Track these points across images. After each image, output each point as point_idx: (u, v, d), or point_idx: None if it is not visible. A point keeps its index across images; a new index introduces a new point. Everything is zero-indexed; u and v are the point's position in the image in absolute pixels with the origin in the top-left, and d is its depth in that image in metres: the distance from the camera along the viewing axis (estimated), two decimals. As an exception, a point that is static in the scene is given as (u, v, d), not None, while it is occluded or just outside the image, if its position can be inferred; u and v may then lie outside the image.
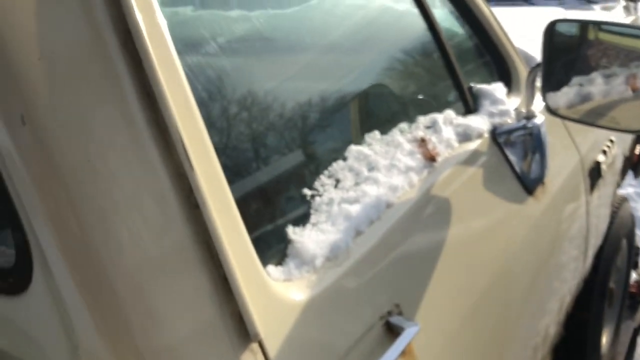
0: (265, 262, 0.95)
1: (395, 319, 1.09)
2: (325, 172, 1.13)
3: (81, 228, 0.78)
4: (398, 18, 1.72)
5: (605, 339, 2.71)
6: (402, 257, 1.16)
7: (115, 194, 0.80)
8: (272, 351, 0.88)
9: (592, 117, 1.63)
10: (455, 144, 1.44)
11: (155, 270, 0.83)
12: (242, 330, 0.86)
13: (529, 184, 1.66)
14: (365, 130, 1.31)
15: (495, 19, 1.80)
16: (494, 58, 1.80)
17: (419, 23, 1.63)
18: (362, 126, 1.34)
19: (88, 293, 0.80)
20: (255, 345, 0.87)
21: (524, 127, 1.64)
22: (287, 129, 1.16)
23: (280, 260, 1.00)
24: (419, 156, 1.30)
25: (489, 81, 1.74)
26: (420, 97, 1.56)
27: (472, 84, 1.65)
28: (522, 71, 1.83)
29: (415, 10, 1.63)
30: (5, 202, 0.81)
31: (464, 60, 1.72)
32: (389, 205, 1.17)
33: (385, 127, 1.34)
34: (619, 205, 2.67)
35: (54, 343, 0.86)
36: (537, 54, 1.84)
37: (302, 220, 1.06)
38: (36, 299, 0.86)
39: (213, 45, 1.15)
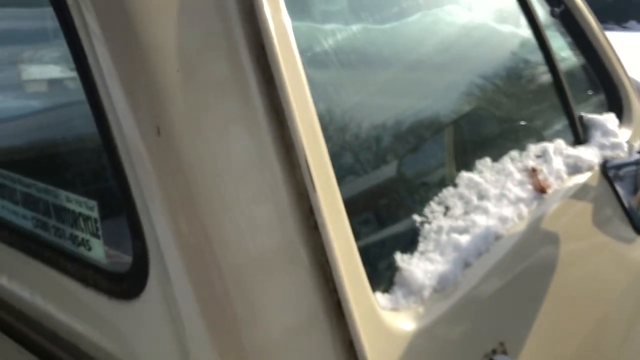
0: (373, 288, 0.92)
1: (499, 358, 1.03)
2: (436, 198, 1.09)
3: (204, 240, 0.78)
4: (506, 39, 1.66)
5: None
6: (508, 293, 1.11)
7: (239, 209, 0.79)
8: (379, 382, 0.85)
9: None
10: (565, 176, 1.36)
11: (268, 287, 0.81)
12: (353, 358, 0.83)
13: (638, 223, 1.55)
14: (471, 154, 1.26)
15: (610, 45, 1.70)
16: (605, 86, 1.70)
17: (530, 45, 1.57)
18: (469, 149, 1.29)
19: (203, 302, 0.80)
20: (363, 375, 0.84)
21: (636, 162, 1.54)
22: (395, 150, 1.13)
23: (387, 288, 0.96)
24: (529, 187, 1.24)
25: (599, 110, 1.64)
26: (528, 123, 1.49)
27: (582, 113, 1.57)
28: (636, 102, 1.73)
29: (525, 32, 1.57)
30: (129, 210, 0.83)
31: (573, 86, 1.64)
32: (497, 237, 1.12)
33: (492, 152, 1.28)
34: None
35: (165, 348, 0.86)
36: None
37: (410, 247, 1.02)
38: (149, 304, 0.87)
39: (324, 61, 1.14)
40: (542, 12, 1.70)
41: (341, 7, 1.50)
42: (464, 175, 1.16)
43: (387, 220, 1.07)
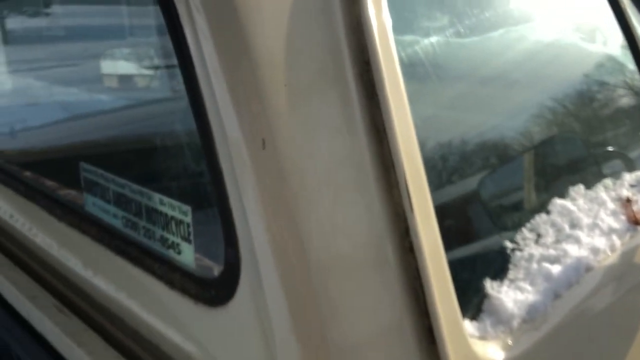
0: (462, 315, 0.89)
1: (587, 396, 0.99)
2: (528, 225, 1.05)
3: (300, 254, 0.77)
4: (595, 59, 1.60)
5: None
6: (598, 327, 1.06)
7: (335, 225, 0.78)
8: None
9: None
10: (660, 208, 1.29)
11: (360, 306, 0.80)
12: (440, 386, 0.81)
13: None
14: (561, 180, 1.22)
15: None
16: None
17: (622, 65, 1.50)
18: (561, 175, 1.24)
19: (294, 314, 0.79)
20: (450, 403, 0.82)
21: None
22: (489, 173, 1.10)
23: (475, 315, 0.94)
24: (622, 217, 1.18)
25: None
26: (620, 150, 1.43)
27: (679, 142, 1.49)
28: None
29: (619, 52, 1.50)
30: (225, 218, 0.83)
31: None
32: (588, 269, 1.07)
33: (584, 179, 1.23)
34: None
35: (250, 356, 0.86)
36: None
37: (499, 274, 0.99)
38: (237, 312, 0.87)
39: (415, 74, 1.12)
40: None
41: (427, 20, 1.49)
42: (557, 202, 1.11)
43: (477, 245, 1.04)
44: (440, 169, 1.03)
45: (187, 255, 0.97)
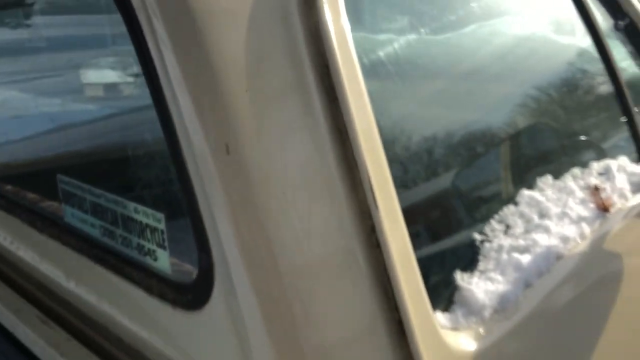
0: (432, 307, 0.91)
1: (561, 382, 1.01)
2: (496, 216, 1.08)
3: (269, 255, 0.79)
4: (566, 50, 1.62)
5: None
6: (570, 314, 1.08)
7: (303, 226, 0.80)
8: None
9: None
10: (629, 194, 1.32)
11: (330, 303, 0.82)
12: (412, 378, 0.84)
13: None
14: (531, 171, 1.24)
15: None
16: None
17: (590, 56, 1.53)
18: (529, 166, 1.27)
19: (267, 316, 0.81)
20: (423, 394, 0.84)
21: None
22: (455, 168, 1.12)
23: (446, 307, 0.96)
24: (591, 205, 1.21)
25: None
26: (591, 139, 1.46)
27: (648, 129, 1.52)
28: None
29: (586, 43, 1.53)
30: (196, 224, 0.85)
31: (637, 101, 1.59)
32: (559, 257, 1.10)
33: (553, 169, 1.26)
34: None
35: (227, 357, 0.88)
36: None
37: (470, 265, 1.01)
38: (213, 315, 0.89)
39: (380, 72, 1.14)
40: (602, 21, 1.66)
41: (397, 18, 1.51)
42: (525, 193, 1.14)
43: (446, 239, 1.06)
44: (408, 166, 1.05)
45: (163, 262, 0.99)
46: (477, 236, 1.04)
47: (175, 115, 0.82)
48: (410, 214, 0.99)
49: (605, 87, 1.51)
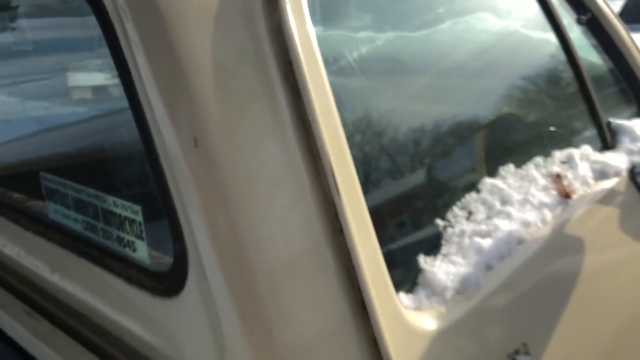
0: (396, 288, 0.97)
1: (522, 358, 1.07)
2: (458, 203, 1.13)
3: (238, 243, 0.84)
4: (536, 46, 1.68)
5: None
6: (531, 295, 1.14)
7: (270, 214, 0.86)
8: (402, 379, 0.90)
9: None
10: (591, 182, 1.38)
11: (298, 288, 0.87)
12: (376, 355, 0.89)
13: (668, 228, 1.55)
14: (495, 161, 1.30)
15: (638, 49, 1.70)
16: (635, 92, 1.71)
17: (556, 52, 1.59)
18: (493, 156, 1.32)
19: (238, 301, 0.86)
20: (386, 371, 0.90)
21: (666, 167, 1.54)
22: (420, 157, 1.18)
23: (410, 288, 1.01)
24: (553, 192, 1.26)
25: (626, 115, 1.65)
26: (555, 129, 1.52)
27: (611, 119, 1.58)
28: (667, 107, 1.72)
29: (552, 39, 1.59)
30: (170, 214, 0.90)
31: (601, 92, 1.65)
32: (520, 241, 1.15)
33: (517, 159, 1.32)
34: None
35: (203, 343, 0.93)
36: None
37: (432, 249, 1.07)
38: (188, 301, 0.94)
39: (346, 68, 1.19)
40: (565, 17, 1.72)
41: (373, 15, 1.56)
42: (487, 181, 1.19)
43: (410, 224, 1.12)
44: (372, 156, 1.11)
45: (142, 252, 1.03)
46: (440, 222, 1.09)
47: (148, 112, 0.87)
48: (375, 202, 1.04)
49: (569, 79, 1.57)
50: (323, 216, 0.88)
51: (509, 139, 1.44)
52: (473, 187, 1.18)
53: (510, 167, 1.25)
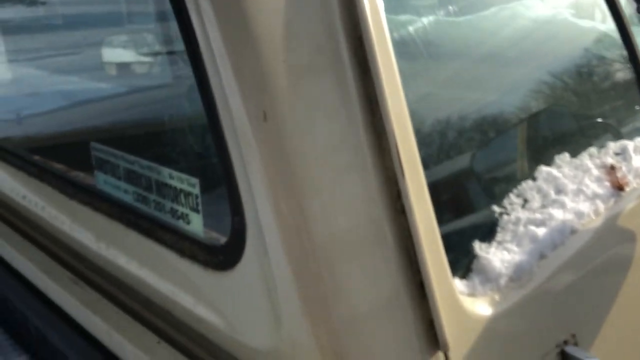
0: (452, 273, 0.96)
1: (570, 349, 1.06)
2: (515, 190, 1.12)
3: (300, 218, 0.84)
4: (586, 34, 1.65)
5: None
6: (582, 287, 1.12)
7: (333, 191, 0.85)
8: (456, 362, 0.90)
9: None
10: (644, 175, 1.35)
11: (356, 264, 0.87)
12: (432, 338, 0.88)
13: None
14: (551, 149, 1.28)
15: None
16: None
17: (611, 40, 1.55)
18: (548, 145, 1.30)
19: (296, 275, 0.86)
20: (441, 354, 0.89)
21: None
22: (478, 142, 1.16)
23: (464, 274, 1.00)
24: (607, 184, 1.24)
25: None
26: (607, 120, 1.49)
27: (664, 112, 1.54)
28: None
29: (607, 27, 1.55)
30: (231, 188, 0.90)
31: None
32: (573, 232, 1.14)
33: (572, 148, 1.29)
34: None
35: (257, 315, 0.93)
36: None
37: (488, 236, 1.06)
38: (244, 274, 0.94)
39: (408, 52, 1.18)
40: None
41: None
42: (543, 169, 1.17)
43: (467, 210, 1.11)
44: (433, 141, 1.09)
45: (196, 225, 1.03)
46: (496, 209, 1.08)
47: (215, 84, 0.86)
48: (434, 186, 1.03)
49: (625, 71, 1.53)
50: (385, 195, 0.87)
51: (562, 128, 1.42)
52: (529, 174, 1.17)
53: (566, 155, 1.23)
